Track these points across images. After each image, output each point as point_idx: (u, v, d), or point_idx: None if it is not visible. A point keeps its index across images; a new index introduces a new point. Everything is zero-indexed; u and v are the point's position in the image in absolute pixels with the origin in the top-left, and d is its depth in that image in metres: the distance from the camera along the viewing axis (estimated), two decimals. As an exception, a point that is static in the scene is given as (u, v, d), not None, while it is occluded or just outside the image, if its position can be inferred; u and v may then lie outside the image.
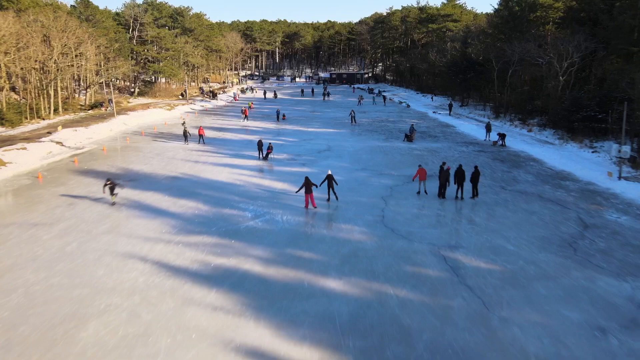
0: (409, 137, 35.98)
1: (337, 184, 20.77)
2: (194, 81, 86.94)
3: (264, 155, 29.66)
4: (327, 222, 18.54)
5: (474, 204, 20.67)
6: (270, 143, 30.14)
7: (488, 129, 35.71)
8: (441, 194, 21.22)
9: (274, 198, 21.55)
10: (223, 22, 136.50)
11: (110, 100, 48.24)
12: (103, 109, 49.56)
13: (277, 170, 26.91)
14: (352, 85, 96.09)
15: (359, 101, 62.62)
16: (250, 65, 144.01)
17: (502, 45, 45.99)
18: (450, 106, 51.64)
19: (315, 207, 19.82)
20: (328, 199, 20.84)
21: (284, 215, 19.21)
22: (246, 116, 47.78)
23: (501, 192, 22.36)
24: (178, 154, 31.36)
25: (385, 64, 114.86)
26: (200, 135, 35.18)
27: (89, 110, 49.50)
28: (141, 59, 64.59)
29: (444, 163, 21.56)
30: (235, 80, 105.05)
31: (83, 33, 48.14)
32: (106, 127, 41.30)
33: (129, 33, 66.25)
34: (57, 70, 44.40)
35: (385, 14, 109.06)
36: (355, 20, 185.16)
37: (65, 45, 44.19)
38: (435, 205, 20.59)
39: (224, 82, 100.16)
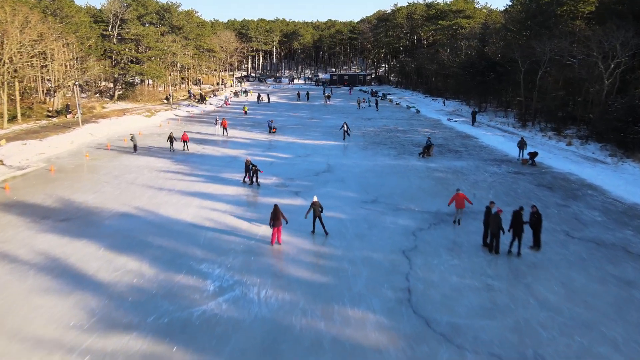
0: (426, 153, 29.83)
1: (322, 209, 16.39)
2: (184, 83, 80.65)
3: (249, 179, 23.49)
4: (325, 303, 12.26)
5: (536, 265, 14.39)
6: (255, 165, 23.59)
7: (521, 145, 29.00)
8: (490, 247, 14.99)
9: (252, 252, 15.31)
10: (218, 20, 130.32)
11: (75, 106, 41.88)
12: (70, 115, 43.25)
13: (262, 203, 20.62)
14: (351, 88, 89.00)
15: (359, 104, 59.85)
16: (246, 66, 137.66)
17: (530, 43, 39.64)
18: (474, 115, 43.96)
19: (280, 244, 15.82)
20: (312, 231, 16.74)
21: (262, 288, 12.98)
22: (225, 128, 38.60)
23: (569, 243, 16.08)
24: (141, 177, 25.11)
25: (390, 65, 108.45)
26: (185, 142, 32.55)
27: (54, 117, 43.26)
28: (121, 59, 58.26)
29: (492, 203, 15.26)
30: (230, 82, 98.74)
31: (47, 29, 41.90)
32: (67, 138, 35.02)
33: (109, 30, 59.99)
34: (13, 71, 38.15)
35: (389, 11, 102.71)
36: (357, 19, 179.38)
37: (22, 44, 37.88)
38: (481, 265, 14.33)
39: (217, 84, 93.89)
